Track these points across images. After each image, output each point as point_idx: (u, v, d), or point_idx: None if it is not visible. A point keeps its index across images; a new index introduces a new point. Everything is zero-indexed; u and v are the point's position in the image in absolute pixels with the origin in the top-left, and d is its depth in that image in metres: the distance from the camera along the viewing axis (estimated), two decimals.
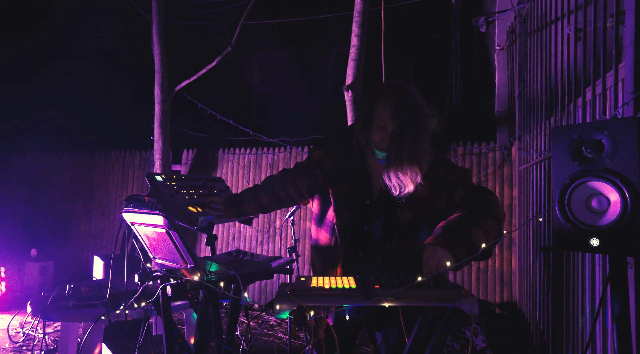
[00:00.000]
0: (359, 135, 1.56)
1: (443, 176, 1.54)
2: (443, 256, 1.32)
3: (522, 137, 4.11)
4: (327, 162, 1.64)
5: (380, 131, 1.50)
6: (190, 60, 6.58)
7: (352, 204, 1.57)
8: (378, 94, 1.53)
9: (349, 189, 1.58)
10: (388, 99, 1.49)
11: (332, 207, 1.59)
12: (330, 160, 1.63)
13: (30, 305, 2.14)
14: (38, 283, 5.32)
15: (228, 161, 5.60)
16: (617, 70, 1.92)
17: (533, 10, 3.67)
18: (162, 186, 1.84)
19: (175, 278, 1.53)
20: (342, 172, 1.61)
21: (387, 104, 1.48)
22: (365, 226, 1.55)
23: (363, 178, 1.59)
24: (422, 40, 8.01)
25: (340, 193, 1.58)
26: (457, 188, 1.54)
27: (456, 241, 1.34)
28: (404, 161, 1.46)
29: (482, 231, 1.37)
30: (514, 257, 4.39)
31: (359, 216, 1.56)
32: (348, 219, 1.56)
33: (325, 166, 1.63)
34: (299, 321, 1.19)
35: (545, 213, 3.04)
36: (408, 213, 1.51)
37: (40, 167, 6.67)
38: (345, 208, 1.57)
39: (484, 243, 1.33)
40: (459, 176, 1.56)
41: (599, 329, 2.12)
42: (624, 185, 1.15)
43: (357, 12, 4.03)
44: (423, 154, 1.48)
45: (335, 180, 1.60)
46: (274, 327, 4.33)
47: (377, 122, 1.50)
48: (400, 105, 1.47)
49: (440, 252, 1.32)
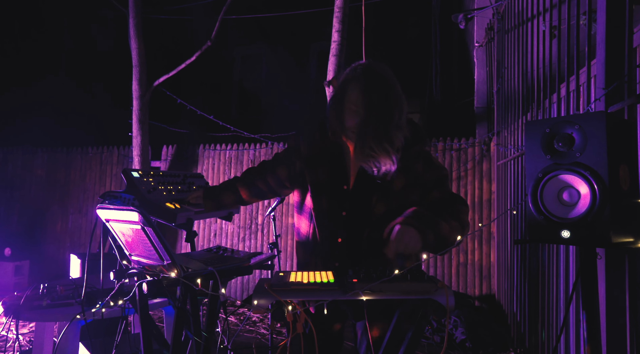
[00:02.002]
0: (332, 122, 1.54)
1: (420, 172, 1.53)
2: (414, 238, 1.33)
3: (500, 132, 4.19)
4: (303, 147, 1.61)
5: (354, 115, 1.48)
6: (169, 55, 6.48)
7: (329, 190, 1.55)
8: (348, 78, 1.50)
9: (325, 175, 1.56)
10: (358, 82, 1.46)
11: (310, 194, 1.56)
12: (306, 145, 1.61)
13: (2, 305, 2.08)
14: (13, 282, 5.18)
15: (209, 157, 5.54)
16: (590, 66, 1.96)
17: (510, 7, 3.73)
18: (138, 182, 1.81)
19: (152, 274, 1.51)
20: (318, 157, 1.58)
21: (357, 87, 1.46)
22: (343, 211, 1.53)
23: (340, 163, 1.57)
24: (402, 37, 8.06)
25: (317, 179, 1.56)
26: (432, 189, 1.53)
27: (428, 226, 1.36)
28: (371, 138, 1.42)
29: (448, 227, 1.41)
30: (493, 251, 4.48)
31: (337, 202, 1.53)
32: (325, 205, 1.54)
33: (302, 152, 1.61)
34: (277, 316, 1.19)
35: (520, 206, 3.10)
36: (381, 205, 1.50)
37: (13, 164, 6.49)
38: (322, 194, 1.55)
39: (448, 239, 1.38)
40: (435, 175, 1.55)
41: (572, 318, 2.18)
42: (593, 178, 1.18)
43: (337, 7, 4.03)
44: (394, 130, 1.44)
45: (312, 166, 1.58)
46: (256, 323, 4.33)
47: (350, 107, 1.48)
48: (369, 87, 1.44)
49: (412, 233, 1.33)
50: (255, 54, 9.02)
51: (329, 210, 1.54)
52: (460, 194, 4.63)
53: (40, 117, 7.45)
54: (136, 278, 1.55)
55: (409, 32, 8.12)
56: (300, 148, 1.62)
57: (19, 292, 2.17)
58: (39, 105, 7.60)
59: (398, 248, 1.33)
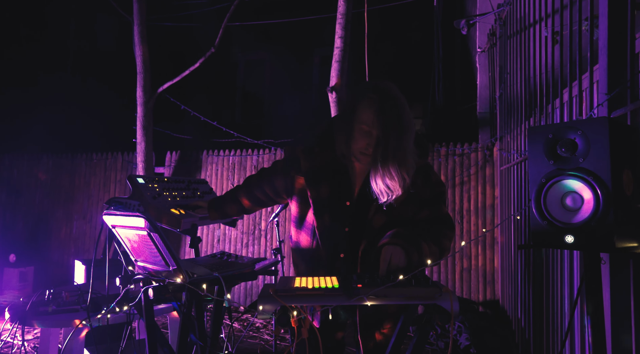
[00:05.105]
0: (341, 142, 1.50)
1: (419, 187, 1.52)
2: (400, 256, 1.36)
3: (503, 137, 4.19)
4: (303, 161, 1.58)
5: (365, 136, 1.45)
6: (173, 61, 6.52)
7: (332, 207, 1.53)
8: (359, 98, 1.47)
9: (328, 191, 1.54)
10: (371, 102, 1.44)
11: (312, 210, 1.55)
12: (306, 159, 1.58)
13: (9, 311, 2.09)
14: (18, 288, 5.19)
15: (212, 162, 5.56)
16: (592, 72, 1.97)
17: (512, 13, 3.74)
18: (144, 188, 1.82)
19: (157, 280, 1.51)
20: (319, 172, 1.56)
21: (371, 107, 1.43)
22: (346, 227, 1.53)
23: (344, 179, 1.55)
24: (404, 42, 8.09)
25: (320, 195, 1.54)
26: (424, 207, 1.53)
27: (413, 246, 1.39)
28: (391, 165, 1.41)
29: (428, 250, 1.43)
30: (497, 256, 4.47)
31: (339, 218, 1.53)
32: (328, 222, 1.53)
33: (302, 166, 1.58)
34: (282, 322, 1.20)
35: (523, 212, 3.10)
36: (381, 218, 1.50)
37: (18, 170, 6.53)
38: (325, 211, 1.53)
39: (428, 260, 1.41)
40: (432, 192, 1.54)
41: (577, 323, 2.17)
42: (597, 183, 1.19)
43: (340, 14, 4.05)
44: (408, 157, 1.44)
45: (314, 181, 1.56)
46: (260, 329, 4.32)
47: (361, 127, 1.45)
48: (383, 108, 1.42)
49: (398, 252, 1.36)
50: (258, 59, 9.07)
51: (332, 226, 1.53)
52: (464, 200, 4.64)
53: (45, 124, 7.50)
54: (142, 283, 1.56)
55: (412, 37, 8.15)
56: (299, 162, 1.59)
57: (24, 298, 2.18)
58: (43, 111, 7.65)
59: (390, 268, 1.35)
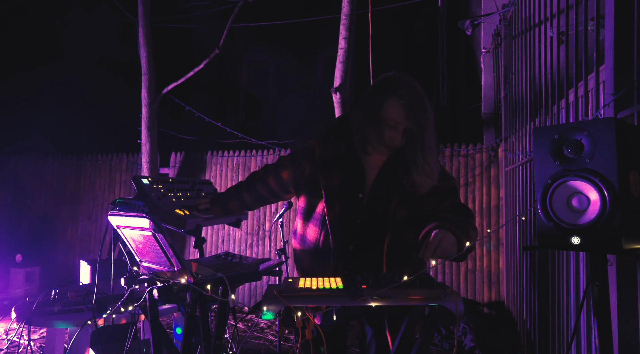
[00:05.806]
0: (371, 137, 1.51)
1: (439, 181, 1.56)
2: (451, 243, 1.36)
3: (508, 138, 4.17)
4: (317, 150, 1.57)
5: (392, 129, 1.48)
6: (177, 63, 6.54)
7: (344, 197, 1.53)
8: (385, 93, 1.48)
9: (340, 181, 1.54)
10: (399, 98, 1.46)
11: (323, 200, 1.54)
12: (321, 149, 1.57)
13: (15, 311, 2.11)
14: (24, 289, 5.23)
15: (217, 163, 5.58)
16: (598, 72, 1.96)
17: (517, 13, 3.73)
18: (148, 189, 1.83)
19: (162, 280, 1.52)
20: (332, 162, 1.56)
21: (399, 103, 1.45)
22: (358, 220, 1.52)
23: (356, 171, 1.55)
24: (409, 43, 8.08)
25: (331, 185, 1.54)
26: (446, 198, 1.57)
27: (463, 233, 1.40)
28: (429, 156, 1.48)
29: (473, 233, 1.45)
30: (502, 257, 4.44)
31: (351, 210, 1.52)
32: (339, 212, 1.52)
33: (316, 155, 1.57)
34: (286, 322, 1.20)
35: (529, 213, 3.08)
36: (403, 211, 1.51)
37: (24, 171, 6.57)
38: (336, 201, 1.52)
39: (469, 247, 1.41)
40: (449, 185, 1.60)
41: (583, 325, 2.16)
42: (603, 184, 1.18)
43: (344, 14, 4.05)
44: (437, 148, 1.52)
45: (326, 171, 1.55)
46: (264, 329, 4.32)
47: (388, 122, 1.47)
48: (412, 103, 1.46)
49: (449, 238, 1.36)
50: (262, 60, 9.08)
51: (343, 217, 1.52)
52: (468, 201, 4.62)
53: (51, 125, 7.55)
54: (147, 283, 1.56)
55: (416, 38, 8.13)
56: (313, 150, 1.58)
57: (30, 298, 2.19)
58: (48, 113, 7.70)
59: (436, 253, 1.34)
